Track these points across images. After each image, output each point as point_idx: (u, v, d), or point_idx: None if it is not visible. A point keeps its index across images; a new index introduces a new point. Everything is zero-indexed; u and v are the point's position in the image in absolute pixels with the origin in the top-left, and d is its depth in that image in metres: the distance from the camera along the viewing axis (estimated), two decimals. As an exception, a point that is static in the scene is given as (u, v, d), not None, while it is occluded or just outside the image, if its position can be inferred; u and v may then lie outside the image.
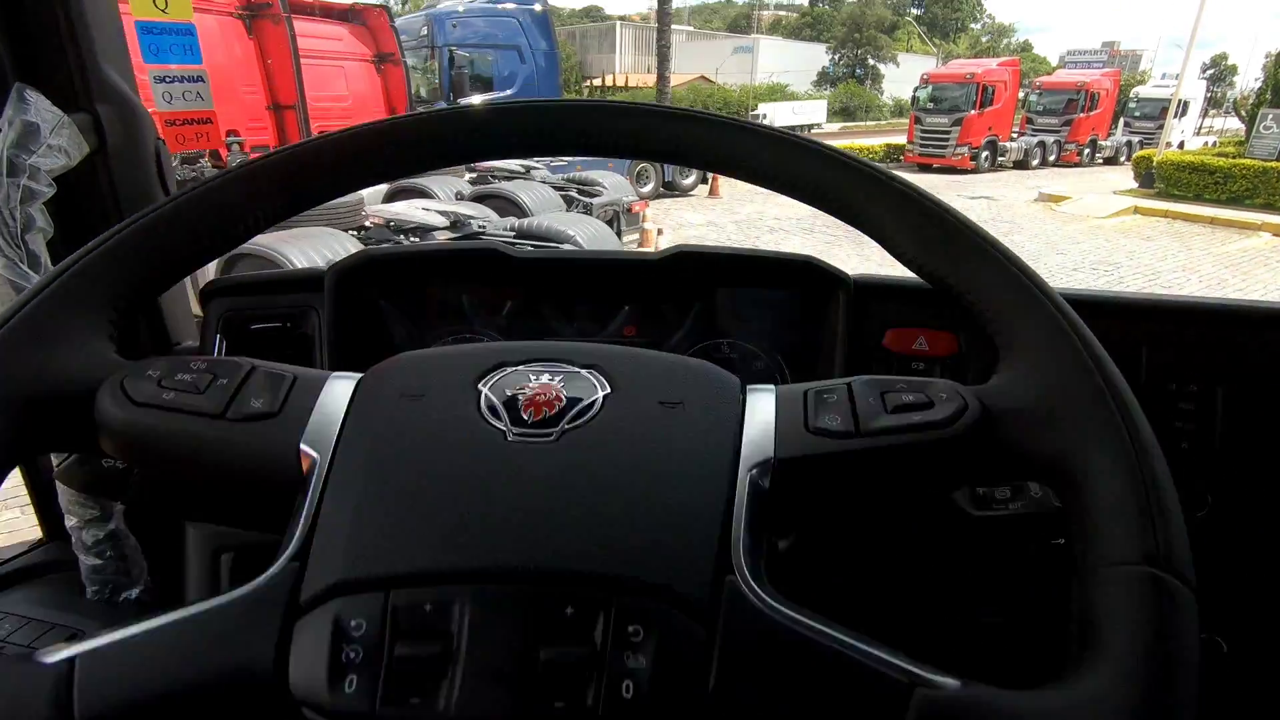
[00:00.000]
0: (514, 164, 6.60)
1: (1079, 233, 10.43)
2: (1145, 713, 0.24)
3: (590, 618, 0.29)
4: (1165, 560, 0.27)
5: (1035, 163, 19.79)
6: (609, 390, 0.36)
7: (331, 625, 0.30)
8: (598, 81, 39.69)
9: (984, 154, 18.28)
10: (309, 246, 4.37)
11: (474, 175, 7.14)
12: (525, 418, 0.35)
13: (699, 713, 0.29)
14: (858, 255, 7.44)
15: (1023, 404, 0.33)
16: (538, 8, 10.87)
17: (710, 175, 12.91)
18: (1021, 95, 21.26)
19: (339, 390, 0.37)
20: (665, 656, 0.29)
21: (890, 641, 0.29)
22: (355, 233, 5.58)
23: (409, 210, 5.67)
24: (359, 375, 0.38)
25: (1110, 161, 21.48)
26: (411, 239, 5.47)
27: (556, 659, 0.29)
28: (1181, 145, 20.89)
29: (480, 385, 0.37)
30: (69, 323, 0.34)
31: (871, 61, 47.98)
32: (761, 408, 0.36)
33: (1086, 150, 21.17)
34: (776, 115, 23.39)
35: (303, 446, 0.34)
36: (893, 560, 0.66)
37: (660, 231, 8.19)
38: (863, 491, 0.35)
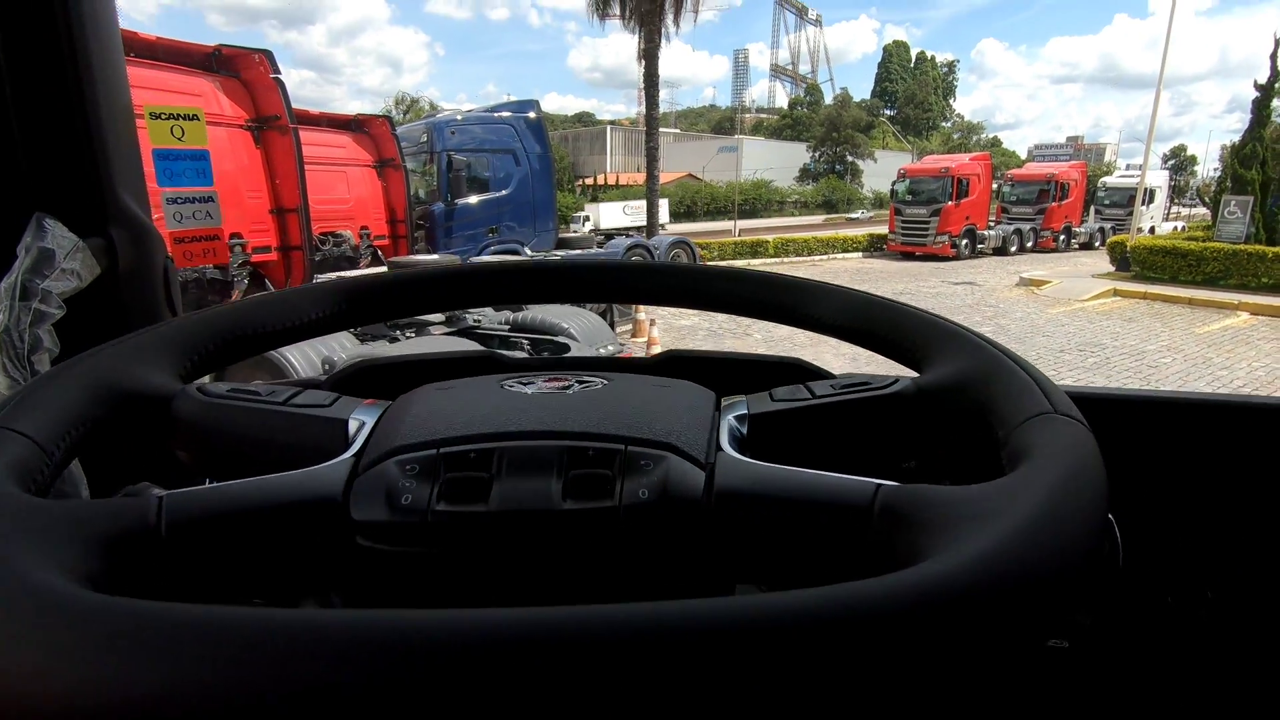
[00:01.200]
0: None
1: (1062, 315, 10.67)
2: (1061, 488, 0.29)
3: (609, 455, 0.36)
4: (1061, 410, 0.35)
5: (1014, 249, 20.47)
6: (610, 381, 0.46)
7: (390, 468, 0.35)
8: (589, 180, 41.43)
9: (964, 242, 18.93)
10: (308, 346, 4.41)
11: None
12: (543, 388, 0.44)
13: (700, 519, 0.34)
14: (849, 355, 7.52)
15: (944, 380, 0.42)
16: (532, 115, 11.47)
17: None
18: (995, 187, 22.23)
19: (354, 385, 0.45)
20: (672, 477, 0.35)
21: None
22: (354, 330, 5.65)
23: (406, 307, 5.76)
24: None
25: (1085, 247, 22.22)
26: (408, 334, 5.54)
27: (584, 475, 0.35)
28: (1153, 230, 21.73)
29: (501, 382, 0.46)
30: (152, 358, 0.41)
31: (850, 158, 50.37)
32: (737, 398, 0.45)
33: (1061, 237, 21.96)
34: (605, 216, 20.34)
35: (352, 419, 0.41)
36: None
37: (653, 322, 8.33)
38: (822, 440, 0.42)
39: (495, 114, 11.45)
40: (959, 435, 0.42)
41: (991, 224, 21.02)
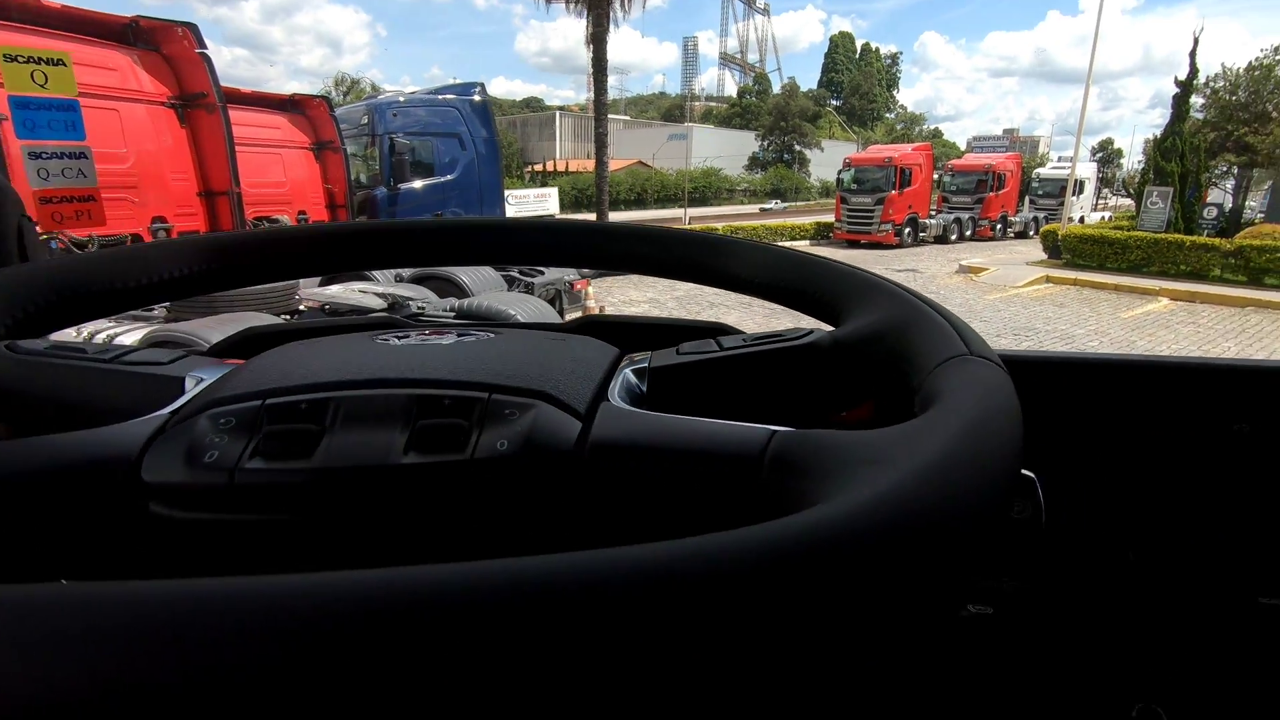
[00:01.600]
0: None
1: (999, 301, 11.05)
2: (970, 429, 0.26)
3: (468, 404, 0.31)
4: (975, 351, 0.33)
5: (954, 237, 21.12)
6: (500, 334, 0.42)
7: (199, 422, 0.30)
8: (539, 166, 40.89)
9: (906, 230, 19.41)
10: (230, 323, 4.21)
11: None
12: (417, 340, 0.40)
13: (572, 472, 0.31)
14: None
15: (861, 330, 0.40)
16: (477, 98, 11.21)
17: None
18: (935, 177, 22.85)
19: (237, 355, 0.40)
20: (539, 428, 0.31)
21: None
22: (288, 317, 5.44)
23: (345, 293, 5.58)
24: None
25: (1020, 235, 23.09)
26: (347, 322, 5.36)
27: (433, 426, 0.31)
28: (1082, 220, 22.71)
29: (376, 336, 0.41)
30: None
31: (797, 147, 51.03)
32: (642, 354, 0.42)
33: (998, 225, 22.73)
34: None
35: (190, 376, 0.35)
36: None
37: (602, 309, 8.28)
38: (731, 394, 0.39)
39: (439, 96, 11.15)
40: (879, 387, 0.39)
41: (933, 213, 21.60)
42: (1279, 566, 0.66)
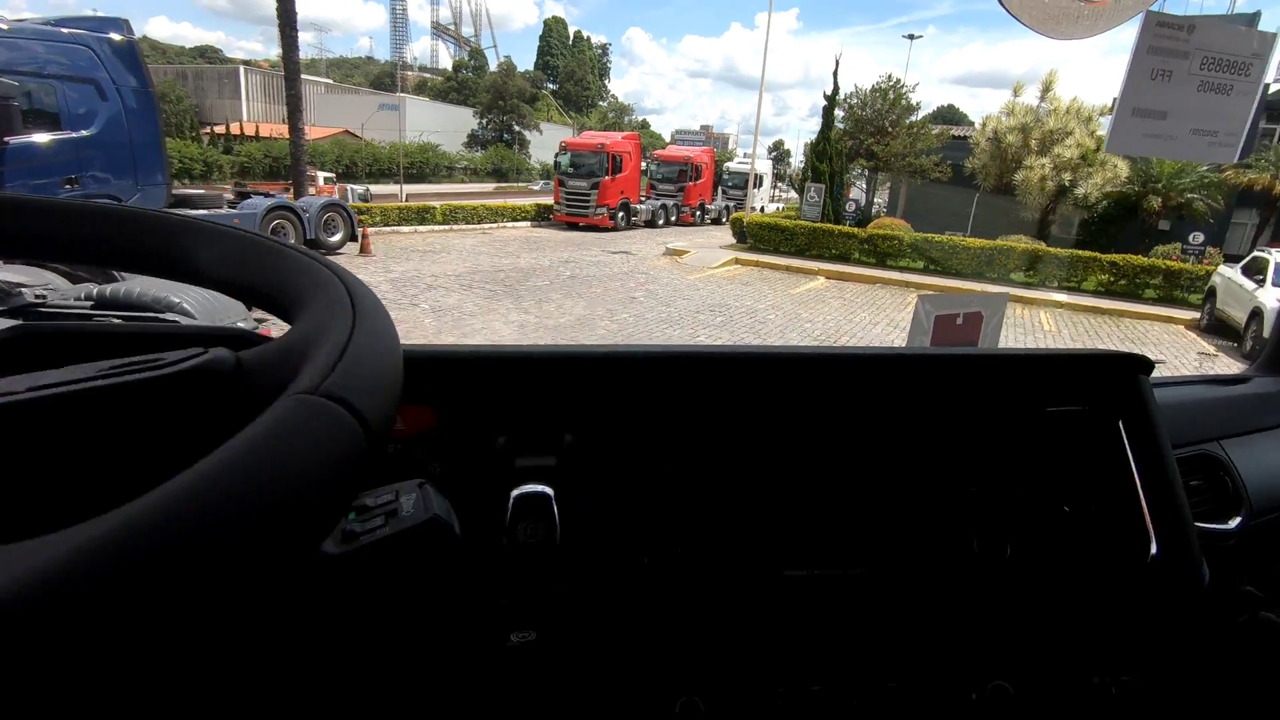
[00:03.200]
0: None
1: (698, 281, 12.31)
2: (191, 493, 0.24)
3: None
4: (324, 392, 0.29)
5: (661, 222, 23.02)
6: None
7: None
8: (220, 128, 35.09)
9: (620, 214, 20.63)
10: None
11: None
12: None
13: None
14: (536, 312, 7.54)
15: (277, 345, 0.35)
16: (117, 37, 9.17)
17: (361, 233, 12.25)
18: (644, 166, 24.60)
19: None
20: None
21: None
22: None
23: (-86, 279, 4.18)
24: None
25: (716, 222, 26.02)
26: (-81, 317, 4.03)
27: None
28: (763, 209, 26.33)
29: None
30: None
31: (517, 128, 51.01)
32: None
33: (698, 212, 25.34)
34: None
35: None
36: None
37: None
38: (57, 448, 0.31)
39: (61, 30, 8.88)
40: None
41: (643, 199, 23.26)
42: (796, 543, 0.74)
